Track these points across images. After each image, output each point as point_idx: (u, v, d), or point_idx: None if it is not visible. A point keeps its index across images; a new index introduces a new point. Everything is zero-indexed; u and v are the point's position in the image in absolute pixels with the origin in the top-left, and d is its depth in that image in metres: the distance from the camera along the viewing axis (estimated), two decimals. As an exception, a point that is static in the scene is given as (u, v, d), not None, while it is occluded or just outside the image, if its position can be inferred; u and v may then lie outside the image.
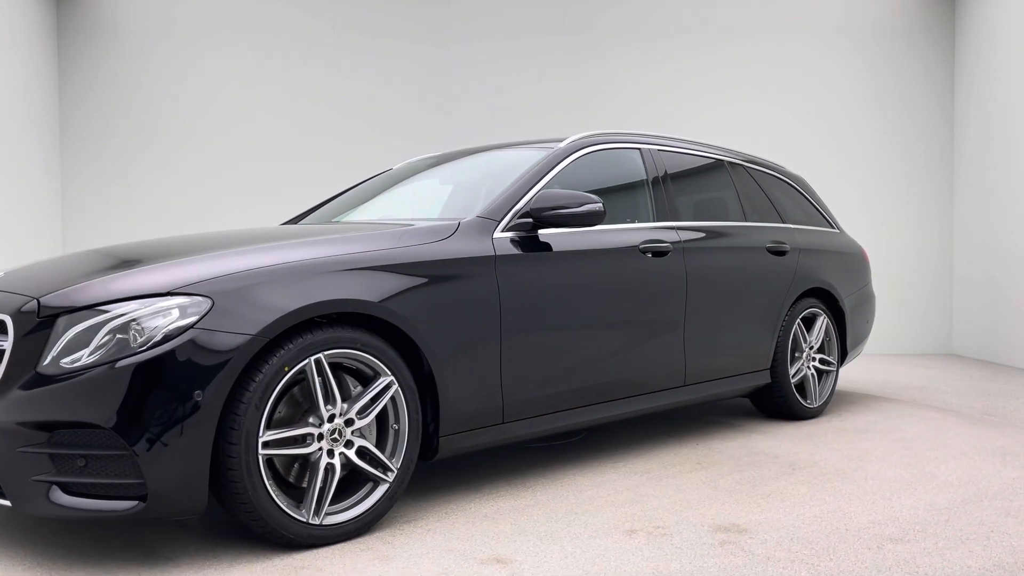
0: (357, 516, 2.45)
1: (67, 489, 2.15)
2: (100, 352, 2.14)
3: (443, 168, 3.95)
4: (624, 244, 3.39)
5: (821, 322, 4.51)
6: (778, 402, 4.27)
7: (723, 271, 3.88)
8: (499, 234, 2.95)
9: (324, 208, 4.01)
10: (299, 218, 4.03)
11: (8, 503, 2.20)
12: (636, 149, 3.78)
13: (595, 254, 3.24)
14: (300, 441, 2.36)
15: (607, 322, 3.29)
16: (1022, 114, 6.57)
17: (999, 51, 6.90)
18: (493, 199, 3.08)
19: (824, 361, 4.55)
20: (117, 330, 2.15)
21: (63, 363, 2.14)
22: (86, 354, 2.14)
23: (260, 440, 2.23)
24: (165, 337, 2.14)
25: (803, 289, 4.36)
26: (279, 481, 2.39)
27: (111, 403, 2.09)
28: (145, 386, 2.10)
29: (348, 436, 2.44)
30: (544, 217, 3.02)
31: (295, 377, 2.35)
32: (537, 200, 3.03)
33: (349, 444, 2.45)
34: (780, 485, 3.04)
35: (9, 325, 2.25)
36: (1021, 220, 6.58)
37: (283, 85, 7.34)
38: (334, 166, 7.24)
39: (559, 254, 3.09)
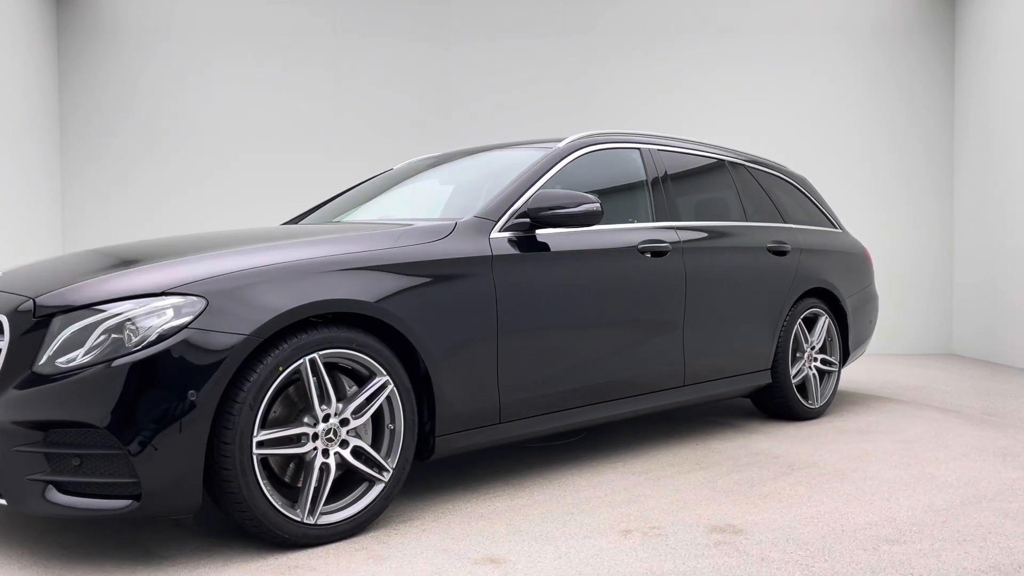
0: (352, 516, 2.45)
1: (62, 488, 2.16)
2: (95, 352, 2.14)
3: (444, 168, 3.95)
4: (623, 244, 3.39)
5: (823, 322, 4.50)
6: (779, 402, 4.26)
7: (723, 271, 3.86)
8: (496, 234, 2.95)
9: (324, 208, 4.01)
10: (299, 218, 4.03)
11: (4, 502, 2.21)
12: (636, 149, 3.77)
13: (593, 254, 3.24)
14: (295, 441, 2.36)
15: (605, 322, 3.28)
16: (1022, 114, 6.56)
17: (999, 51, 6.89)
18: (490, 199, 3.08)
19: (826, 361, 4.53)
20: (112, 330, 2.16)
21: (58, 363, 2.15)
22: (81, 354, 2.14)
23: (254, 440, 2.23)
24: (160, 337, 2.14)
25: (804, 289, 4.35)
26: (274, 481, 2.39)
27: (105, 403, 2.10)
28: (139, 386, 2.11)
29: (343, 436, 2.44)
30: (542, 217, 3.01)
31: (290, 377, 2.35)
32: (535, 200, 3.03)
33: (344, 444, 2.45)
34: (778, 486, 3.03)
35: (5, 325, 2.27)
36: (1021, 220, 6.57)
37: (283, 85, 7.35)
38: (334, 166, 7.24)
39: (557, 254, 3.09)
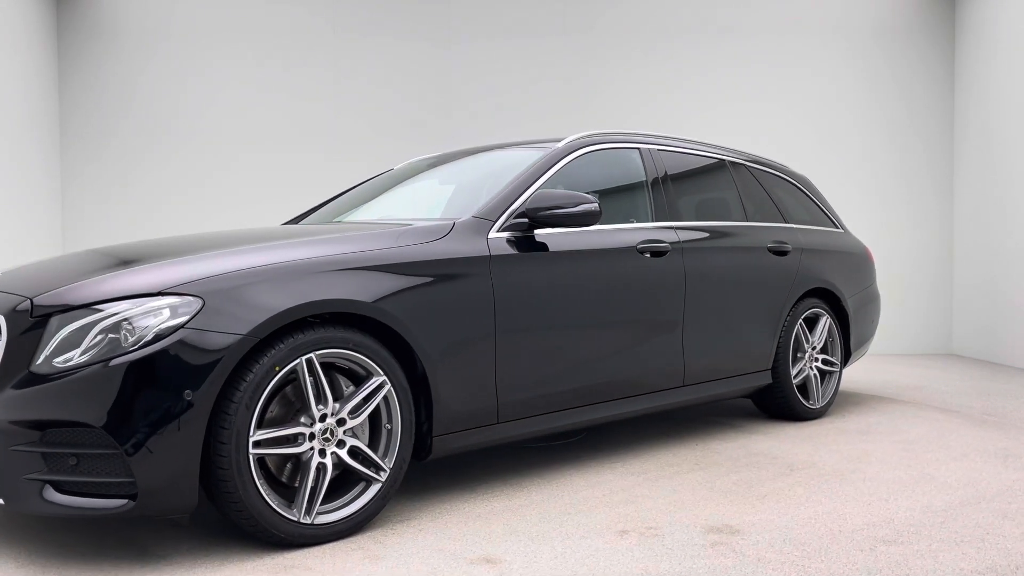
0: (349, 515, 2.45)
1: (60, 487, 2.16)
2: (92, 352, 2.14)
3: (444, 168, 3.95)
4: (622, 244, 3.38)
5: (824, 322, 4.48)
6: (779, 403, 4.25)
7: (723, 271, 3.86)
8: (494, 234, 2.95)
9: (325, 208, 4.01)
10: (300, 218, 4.04)
11: (2, 501, 2.21)
12: (635, 149, 3.77)
13: (592, 254, 3.23)
14: (291, 440, 2.36)
15: (604, 322, 3.28)
16: (1022, 114, 6.55)
17: (999, 51, 6.88)
18: (489, 199, 3.08)
19: (827, 362, 4.52)
20: (109, 330, 2.16)
21: (55, 362, 2.15)
22: (78, 353, 2.15)
23: (251, 439, 2.23)
24: (156, 337, 2.15)
25: (805, 289, 4.33)
26: (271, 480, 2.40)
27: (102, 402, 2.10)
28: (135, 385, 2.11)
29: (340, 436, 2.44)
30: (540, 217, 3.01)
31: (288, 377, 2.35)
32: (533, 200, 3.03)
33: (341, 444, 2.45)
34: (777, 486, 3.03)
35: (3, 325, 2.27)
36: (1021, 220, 6.56)
37: (283, 85, 7.35)
38: (334, 166, 7.25)
39: (555, 254, 3.09)
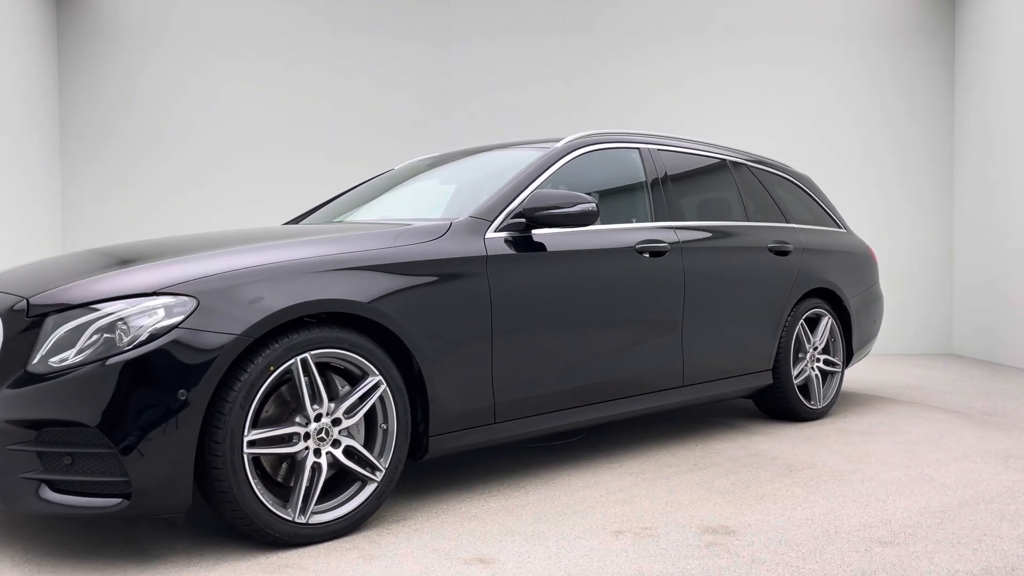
0: (344, 515, 2.45)
1: (55, 487, 2.16)
2: (87, 351, 2.15)
3: (445, 168, 3.95)
4: (620, 244, 3.38)
5: (825, 322, 4.47)
6: (780, 403, 4.24)
7: (723, 271, 3.85)
8: (492, 234, 2.94)
9: (325, 208, 4.02)
10: (300, 218, 4.04)
11: (-2, 500, 2.21)
12: (635, 149, 3.76)
13: (590, 254, 3.23)
14: (286, 440, 2.36)
15: (602, 322, 3.27)
16: (1022, 114, 6.54)
17: (999, 51, 6.87)
18: (486, 199, 3.07)
19: (829, 362, 4.51)
20: (104, 329, 2.16)
21: (51, 362, 2.16)
22: (73, 353, 2.15)
23: (245, 439, 2.24)
24: (150, 336, 2.15)
25: (807, 289, 4.32)
26: (266, 480, 2.39)
27: (96, 402, 2.10)
28: (130, 385, 2.11)
29: (335, 435, 2.44)
30: (537, 217, 3.01)
31: (283, 376, 2.35)
32: (530, 200, 3.02)
33: (336, 443, 2.44)
34: (775, 487, 3.02)
35: (0, 325, 2.27)
36: (1021, 220, 6.55)
37: (283, 84, 7.35)
38: (334, 165, 7.25)
39: (553, 254, 3.08)
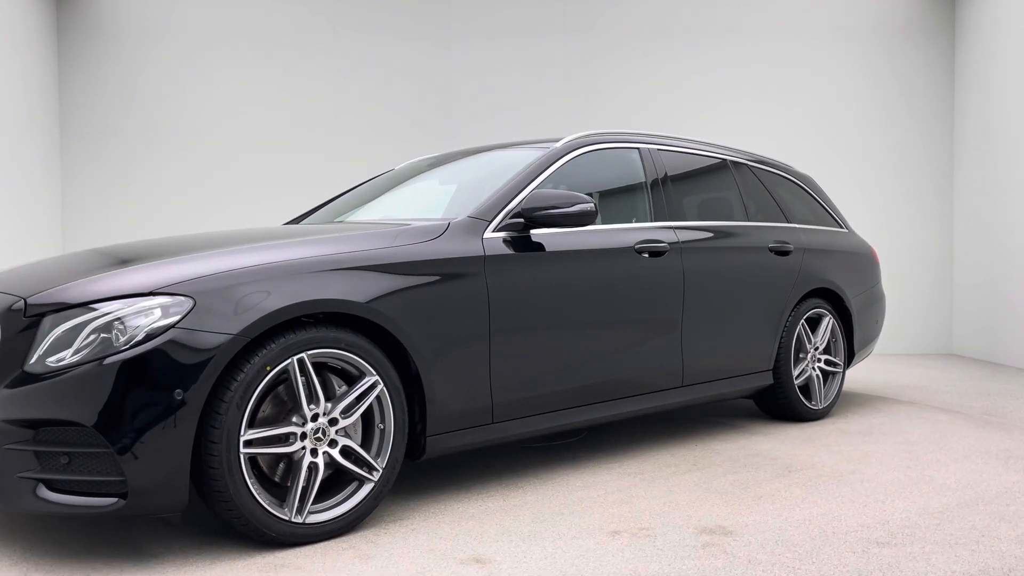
0: (341, 515, 2.45)
1: (52, 486, 2.17)
2: (84, 351, 2.15)
3: (445, 168, 3.94)
4: (619, 244, 3.37)
5: (827, 323, 4.46)
6: (781, 403, 4.23)
7: (723, 271, 3.84)
8: (490, 234, 2.94)
9: (326, 208, 4.02)
10: (301, 218, 4.04)
11: (-5, 499, 2.21)
12: (635, 149, 3.75)
13: (589, 254, 3.23)
14: (283, 440, 2.36)
15: (600, 322, 3.27)
16: (1022, 114, 6.53)
17: (999, 51, 6.86)
18: (485, 199, 3.07)
19: (830, 362, 4.50)
20: (100, 329, 2.16)
21: (48, 362, 2.16)
22: (70, 353, 2.15)
23: (242, 439, 2.24)
24: (147, 336, 2.15)
25: (808, 289, 4.31)
26: (263, 480, 2.40)
27: (93, 402, 2.11)
28: (127, 385, 2.11)
29: (332, 435, 2.44)
30: (536, 217, 3.01)
31: (280, 376, 2.35)
32: (529, 200, 3.02)
33: (333, 443, 2.44)
34: (774, 487, 3.01)
35: (-2, 324, 2.27)
36: (1021, 220, 6.54)
37: (283, 84, 7.35)
38: (334, 165, 7.25)
39: (552, 254, 3.08)
